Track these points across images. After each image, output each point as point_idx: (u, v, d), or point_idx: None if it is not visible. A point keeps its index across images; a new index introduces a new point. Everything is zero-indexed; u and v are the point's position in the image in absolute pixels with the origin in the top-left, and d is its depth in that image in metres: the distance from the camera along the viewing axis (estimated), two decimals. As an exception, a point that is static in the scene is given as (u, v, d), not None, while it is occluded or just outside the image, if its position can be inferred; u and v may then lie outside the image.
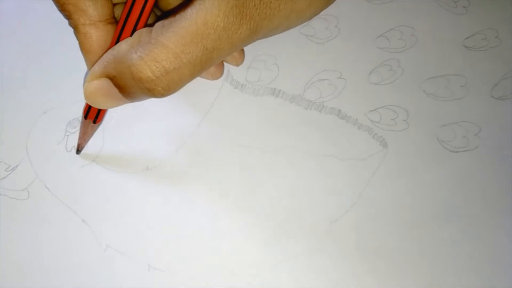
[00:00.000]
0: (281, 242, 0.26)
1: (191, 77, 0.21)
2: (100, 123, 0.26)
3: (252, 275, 0.25)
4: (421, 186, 0.28)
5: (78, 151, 0.27)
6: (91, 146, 0.28)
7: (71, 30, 0.24)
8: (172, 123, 0.29)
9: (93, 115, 0.26)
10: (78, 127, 0.28)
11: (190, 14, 0.20)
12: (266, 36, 0.23)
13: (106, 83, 0.22)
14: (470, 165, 0.28)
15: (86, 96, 0.23)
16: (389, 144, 0.29)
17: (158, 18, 0.22)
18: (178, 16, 0.21)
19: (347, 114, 0.29)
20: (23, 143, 0.28)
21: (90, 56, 0.24)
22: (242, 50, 0.29)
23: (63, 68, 0.30)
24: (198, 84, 0.30)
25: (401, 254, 0.26)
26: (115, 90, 0.22)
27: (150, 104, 0.29)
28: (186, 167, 0.28)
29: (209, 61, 0.21)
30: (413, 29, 0.32)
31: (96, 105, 0.24)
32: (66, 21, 0.24)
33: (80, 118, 0.26)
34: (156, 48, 0.20)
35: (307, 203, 0.27)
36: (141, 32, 0.22)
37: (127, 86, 0.21)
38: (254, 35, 0.21)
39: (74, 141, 0.28)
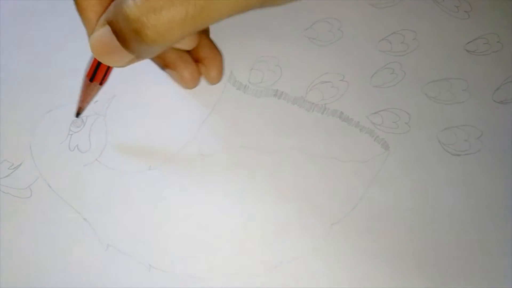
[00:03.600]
0: (282, 243, 0.26)
1: (183, 24, 0.19)
2: (104, 85, 0.25)
3: (253, 276, 0.25)
4: (422, 189, 0.28)
5: (78, 114, 0.27)
6: (94, 145, 0.28)
7: (76, 29, 0.24)
8: (175, 123, 0.29)
9: (99, 78, 0.25)
10: (81, 127, 0.28)
11: None
12: (273, 3, 0.21)
13: (106, 32, 0.21)
14: (472, 169, 0.28)
15: (91, 48, 0.22)
16: (391, 147, 0.29)
17: None
18: None
19: (349, 116, 0.29)
20: (27, 141, 0.28)
21: (87, 14, 0.23)
22: (221, 69, 0.29)
23: (67, 68, 0.30)
24: (201, 85, 0.30)
25: (402, 257, 0.26)
26: (115, 39, 0.21)
27: (154, 104, 0.30)
28: (188, 167, 0.28)
29: (206, 11, 0.19)
30: (415, 33, 0.32)
31: (101, 58, 0.23)
32: (70, 20, 0.24)
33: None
34: None
35: (308, 205, 0.27)
36: None
37: (121, 30, 0.20)
38: None
39: (77, 140, 0.28)
